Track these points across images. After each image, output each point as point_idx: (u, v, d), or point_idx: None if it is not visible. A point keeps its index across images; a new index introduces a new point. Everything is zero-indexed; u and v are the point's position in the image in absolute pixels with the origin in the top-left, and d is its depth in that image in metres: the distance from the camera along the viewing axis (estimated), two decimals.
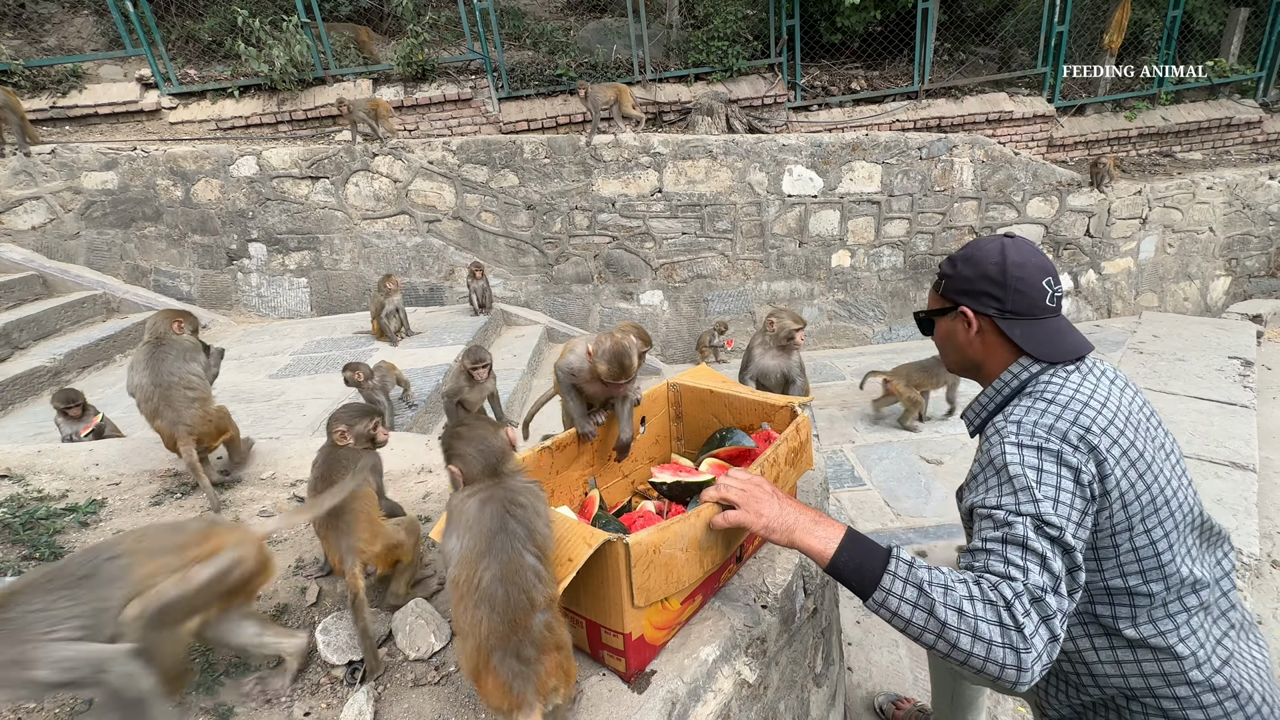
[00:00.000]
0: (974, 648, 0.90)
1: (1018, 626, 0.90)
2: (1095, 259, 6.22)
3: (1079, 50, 7.38)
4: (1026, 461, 1.02)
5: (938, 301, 1.30)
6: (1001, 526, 0.99)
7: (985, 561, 0.98)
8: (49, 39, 6.10)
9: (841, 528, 1.03)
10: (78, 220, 5.12)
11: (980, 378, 1.28)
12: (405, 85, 6.01)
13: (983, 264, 1.21)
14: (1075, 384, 1.12)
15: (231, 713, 1.09)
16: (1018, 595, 0.92)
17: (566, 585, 0.96)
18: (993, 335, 1.21)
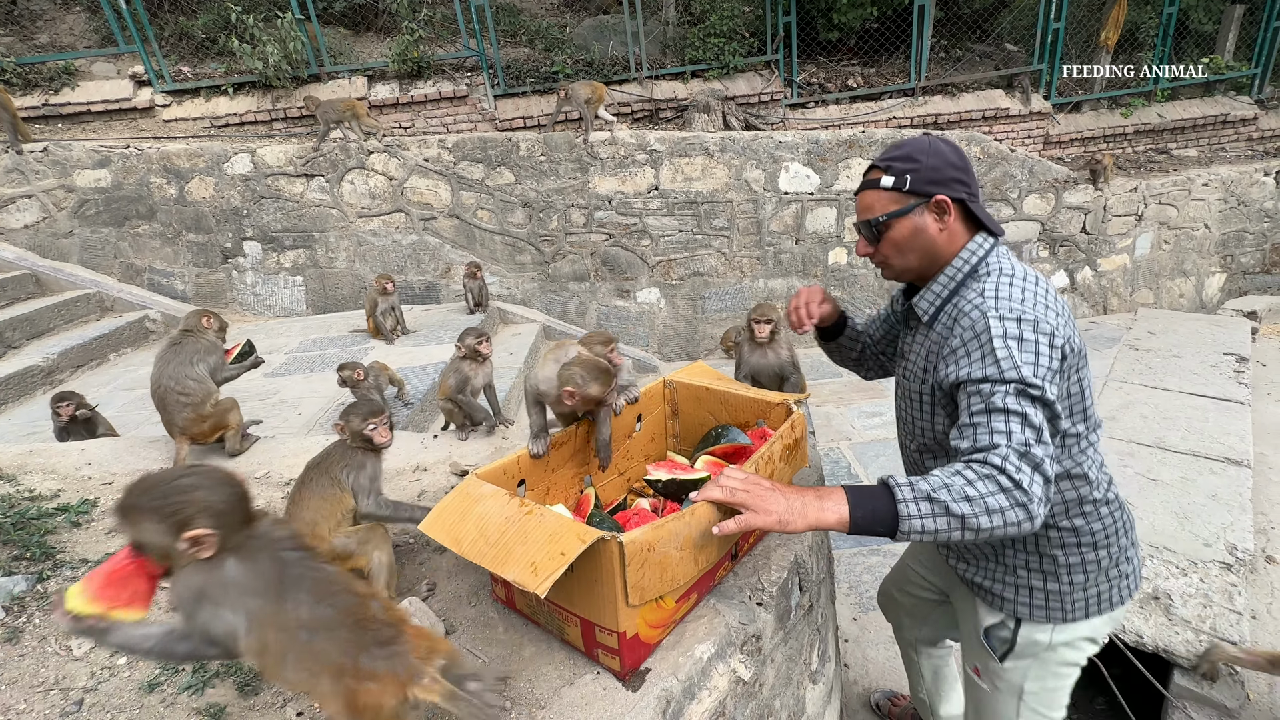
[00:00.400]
0: (992, 521, 1.00)
1: (1016, 484, 1.00)
2: (1091, 256, 6.23)
3: (1075, 48, 7.38)
4: (1009, 332, 1.10)
5: (898, 200, 1.23)
6: (987, 399, 1.08)
7: (973, 437, 1.07)
8: (41, 36, 6.05)
9: (840, 491, 1.07)
10: (71, 218, 5.09)
11: (928, 273, 1.29)
12: (400, 83, 5.98)
13: (941, 153, 1.24)
14: (1015, 259, 1.26)
15: (224, 712, 1.08)
16: (1005, 458, 1.02)
17: (557, 579, 0.94)
18: (956, 222, 1.25)
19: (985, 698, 1.39)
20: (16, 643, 1.26)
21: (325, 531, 1.34)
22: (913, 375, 1.32)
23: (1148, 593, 2.71)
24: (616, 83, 6.27)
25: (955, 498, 1.01)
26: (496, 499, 1.12)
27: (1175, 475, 3.41)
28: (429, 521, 1.13)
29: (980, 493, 1.00)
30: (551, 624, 1.17)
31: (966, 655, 1.45)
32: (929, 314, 1.27)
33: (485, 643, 1.19)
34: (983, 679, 1.38)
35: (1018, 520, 1.00)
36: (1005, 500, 1.00)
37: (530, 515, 1.06)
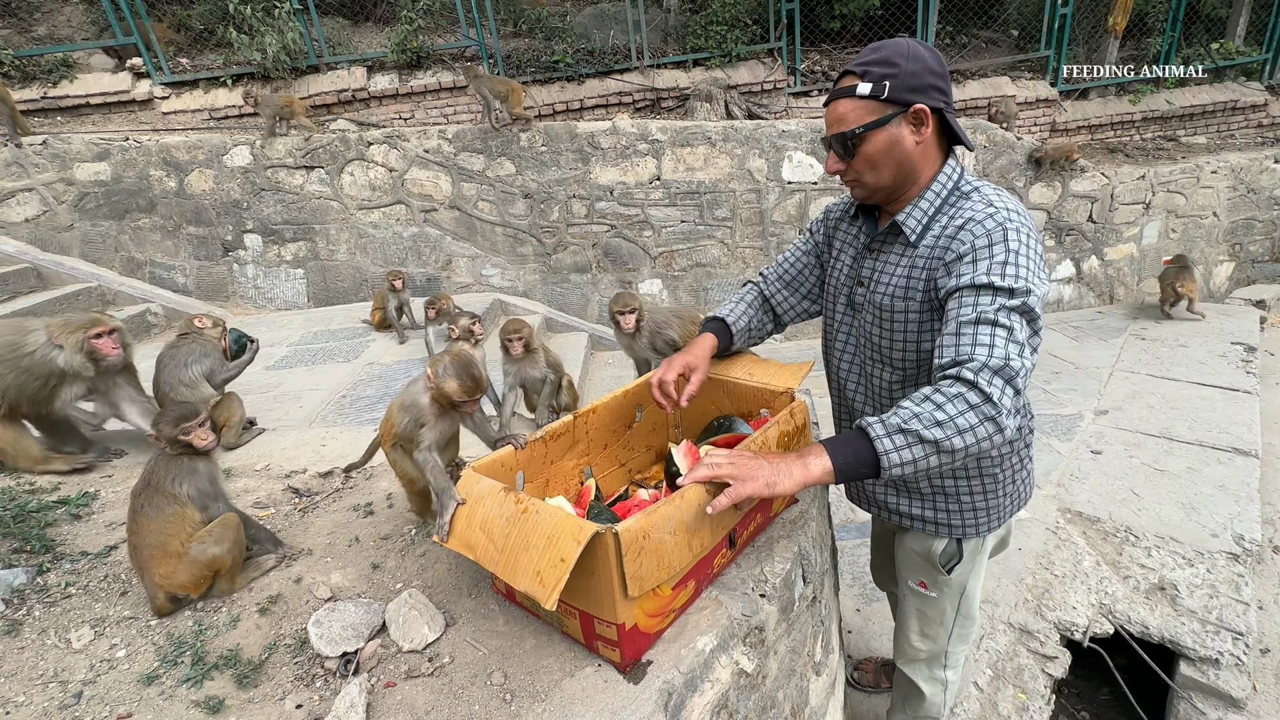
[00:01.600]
0: (965, 440, 1.01)
1: (986, 397, 1.02)
2: (1098, 245, 6.17)
3: (1083, 33, 7.28)
4: (1023, 242, 1.12)
5: (875, 110, 1.16)
6: (978, 309, 1.09)
7: (954, 349, 1.08)
8: (39, 28, 6.01)
9: (819, 446, 1.08)
10: (71, 212, 5.08)
11: (900, 191, 1.26)
12: (400, 73, 5.93)
13: (922, 58, 1.16)
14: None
15: (222, 705, 1.08)
16: (978, 371, 1.03)
17: (559, 593, 0.93)
18: (933, 135, 1.21)
19: (931, 604, 1.55)
20: (16, 635, 1.25)
21: (179, 546, 1.30)
22: (886, 298, 1.28)
23: (1153, 583, 2.70)
24: (618, 72, 6.21)
25: (926, 424, 1.01)
26: (494, 497, 1.10)
27: (1182, 465, 3.38)
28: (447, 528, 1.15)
29: (950, 414, 1.01)
30: (551, 616, 1.16)
31: (910, 575, 1.56)
32: (916, 231, 1.24)
33: (486, 635, 1.18)
34: (930, 589, 1.53)
35: (989, 434, 1.02)
36: (975, 417, 1.01)
37: (528, 514, 1.04)
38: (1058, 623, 2.57)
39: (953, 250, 1.17)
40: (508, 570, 1.01)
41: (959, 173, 1.26)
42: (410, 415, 1.32)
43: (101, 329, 1.88)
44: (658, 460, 1.67)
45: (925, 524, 1.44)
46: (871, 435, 1.04)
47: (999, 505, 1.42)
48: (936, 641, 1.64)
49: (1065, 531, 3.02)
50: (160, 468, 1.36)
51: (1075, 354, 4.98)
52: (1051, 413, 4.10)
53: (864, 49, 1.22)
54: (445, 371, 1.27)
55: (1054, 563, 2.85)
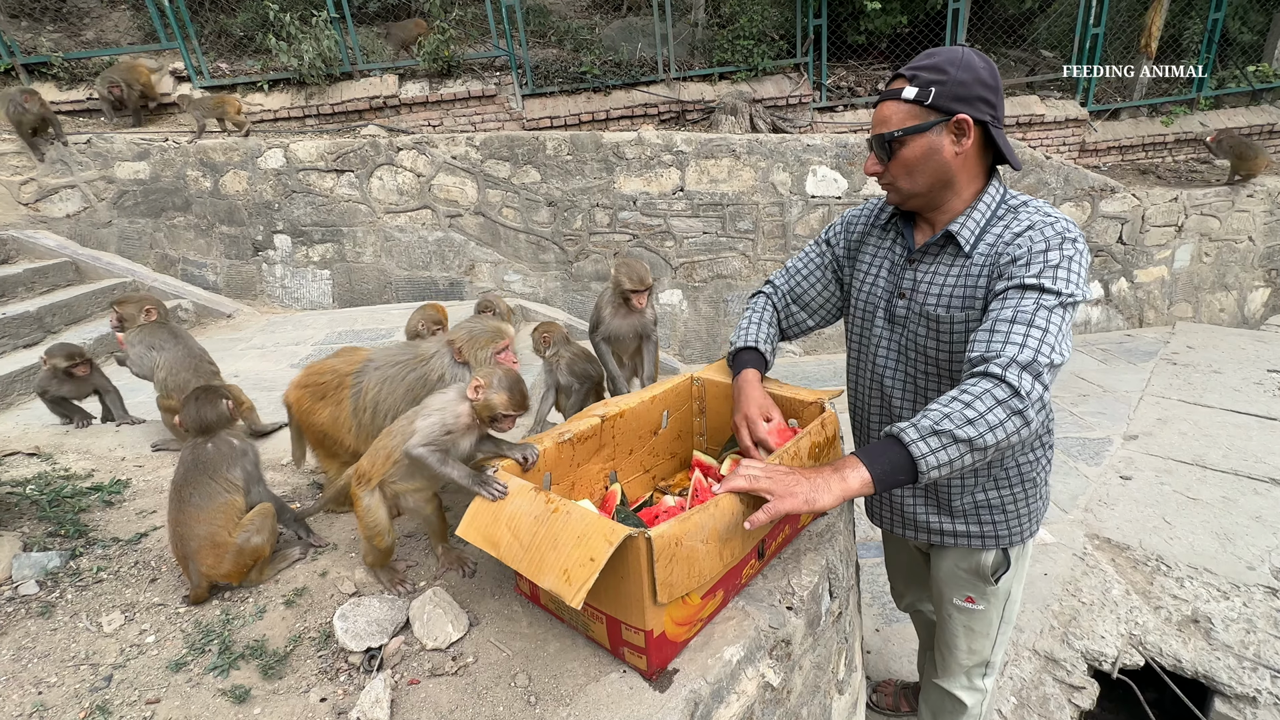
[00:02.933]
0: (997, 436, 1.02)
1: (1012, 391, 1.03)
2: (1128, 266, 6.06)
3: (1114, 54, 7.20)
4: (1064, 249, 1.13)
5: (917, 115, 1.16)
6: (1017, 308, 1.09)
7: (986, 343, 1.09)
8: (88, 32, 6.24)
9: (853, 457, 1.07)
10: (110, 209, 5.23)
11: (938, 200, 1.26)
12: (430, 81, 6.05)
13: (974, 68, 1.16)
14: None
15: (248, 694, 1.08)
16: (1006, 366, 1.04)
17: (586, 593, 0.92)
18: (975, 147, 1.19)
19: (978, 617, 1.53)
20: (49, 617, 1.27)
21: (227, 536, 1.32)
22: (941, 309, 1.25)
23: (1186, 615, 2.61)
24: (644, 84, 6.27)
25: (958, 424, 1.02)
26: (524, 495, 1.09)
27: (1216, 494, 3.28)
28: (464, 527, 1.11)
29: (980, 411, 1.02)
30: (576, 620, 1.15)
31: (954, 593, 1.52)
32: (971, 241, 1.23)
33: (510, 636, 1.17)
34: (978, 602, 1.51)
35: (1016, 428, 1.03)
36: (1003, 412, 1.02)
37: (557, 514, 1.03)
38: (1085, 652, 2.49)
39: (1008, 254, 1.17)
40: (533, 567, 1.00)
41: (1003, 188, 1.26)
42: (438, 421, 1.24)
43: (506, 343, 1.54)
44: (682, 468, 1.66)
45: (972, 539, 1.42)
46: (905, 440, 1.04)
47: (1039, 508, 1.44)
48: (981, 653, 1.62)
49: (1093, 558, 2.94)
50: (207, 453, 1.38)
51: (1103, 377, 4.88)
52: (1079, 436, 4.01)
53: (921, 53, 1.22)
54: (499, 383, 1.24)
55: (1081, 590, 2.77)
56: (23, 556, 1.41)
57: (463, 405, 1.25)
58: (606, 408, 1.48)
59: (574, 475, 1.42)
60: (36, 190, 5.09)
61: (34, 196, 5.09)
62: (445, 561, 1.38)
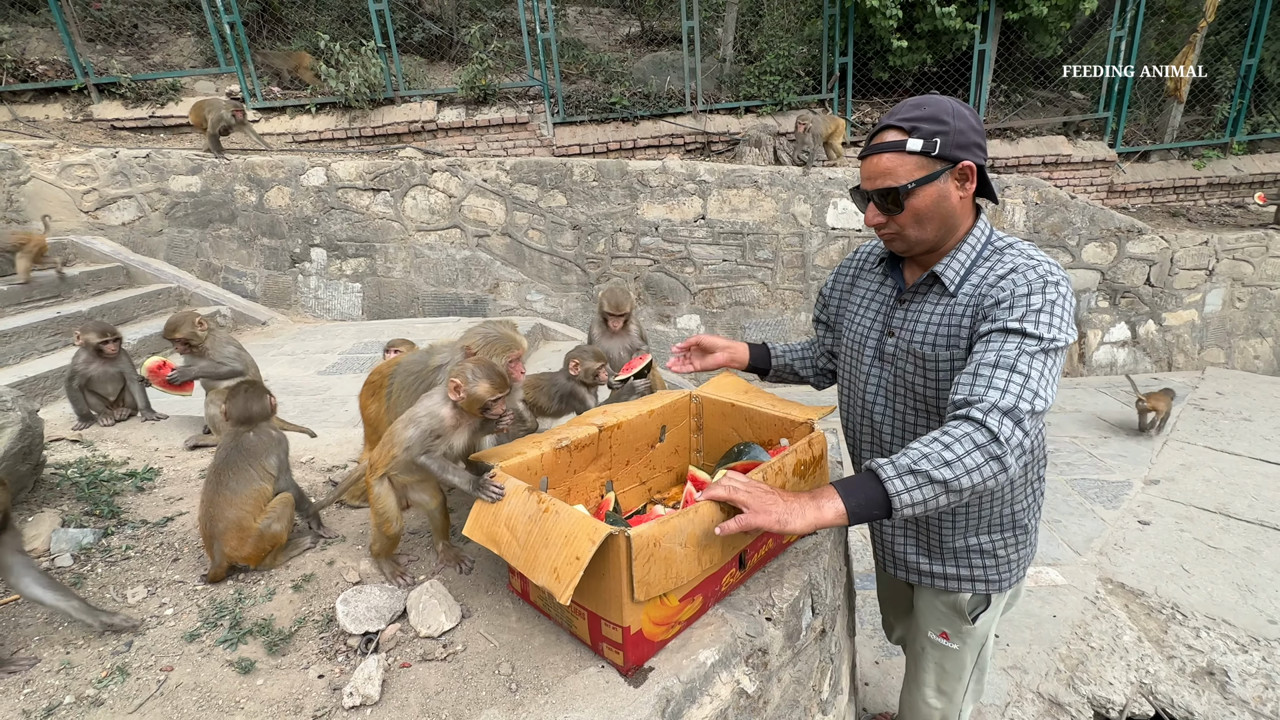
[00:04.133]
0: (972, 480, 1.03)
1: (992, 436, 1.04)
2: (1155, 309, 5.96)
3: (1145, 96, 7.19)
4: (1060, 294, 1.15)
5: (926, 165, 1.18)
6: (1000, 352, 1.11)
7: (969, 388, 1.10)
8: (154, 56, 6.71)
9: (831, 488, 1.09)
10: (162, 219, 5.56)
11: (941, 244, 1.29)
12: (467, 108, 6.33)
13: (965, 116, 1.20)
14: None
15: (253, 666, 1.16)
16: (987, 413, 1.05)
17: (573, 590, 0.97)
18: (970, 189, 1.24)
19: (951, 656, 1.53)
20: (80, 587, 1.37)
21: (253, 522, 1.42)
22: (927, 347, 1.29)
23: (1201, 666, 2.53)
24: (671, 115, 6.46)
25: (935, 464, 1.03)
26: (518, 496, 1.15)
27: (1239, 544, 3.19)
28: (469, 526, 1.18)
29: (958, 454, 1.04)
30: (561, 616, 1.21)
31: (931, 626, 1.54)
32: (955, 281, 1.26)
33: (498, 629, 1.23)
34: (953, 640, 1.52)
35: (994, 473, 1.04)
36: (981, 456, 1.04)
37: (548, 514, 1.08)
38: (1092, 698, 2.43)
39: (992, 297, 1.20)
40: (528, 565, 1.06)
41: (989, 228, 1.31)
42: (423, 428, 1.29)
43: (517, 354, 1.52)
44: (678, 482, 1.71)
45: (961, 582, 1.43)
46: (882, 476, 1.06)
47: (1028, 555, 1.45)
48: (952, 700, 1.59)
49: (1105, 602, 2.87)
50: (250, 441, 1.50)
51: (1127, 419, 4.78)
52: (1097, 478, 3.93)
53: (902, 104, 1.24)
54: (475, 375, 1.29)
55: (1091, 634, 2.70)
56: (61, 532, 1.52)
57: (445, 408, 1.31)
58: (605, 417, 1.54)
59: (570, 481, 1.48)
60: (97, 199, 5.44)
61: (94, 205, 5.45)
62: (444, 557, 1.45)
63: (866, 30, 6.29)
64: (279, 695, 1.10)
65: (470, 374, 1.29)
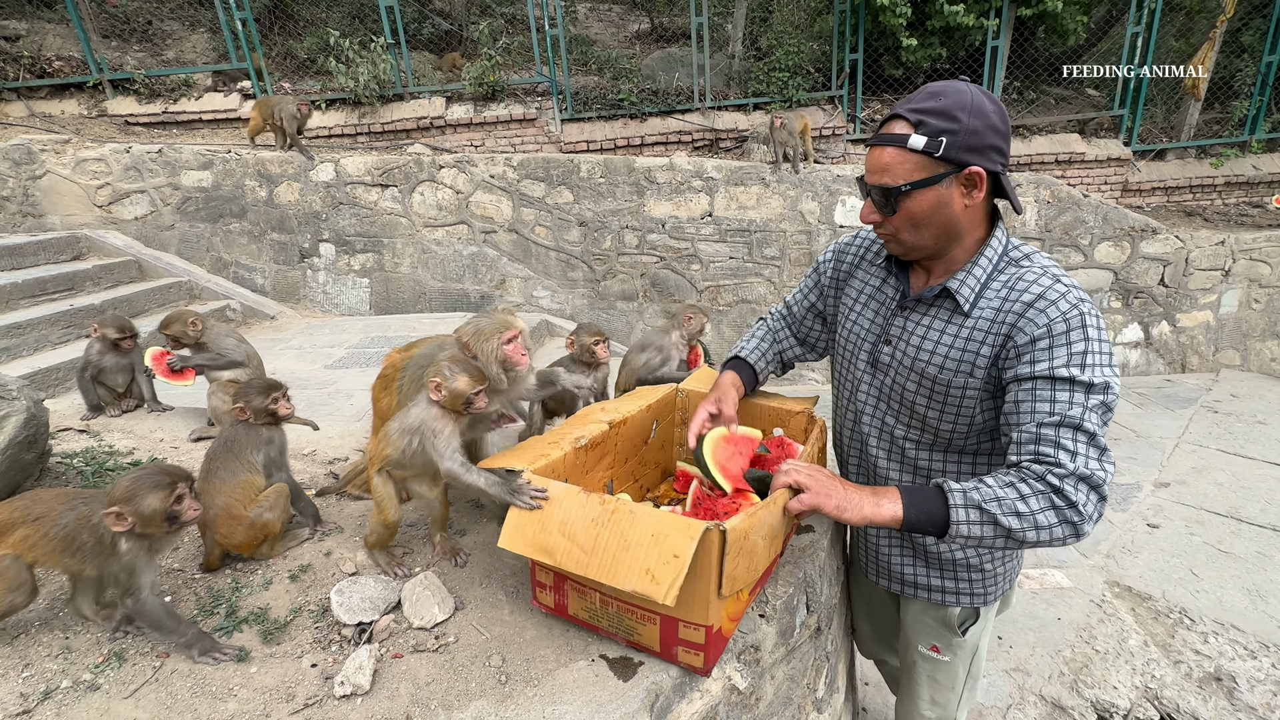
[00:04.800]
0: (1039, 536, 1.02)
1: (1070, 504, 1.00)
2: (1169, 310, 5.87)
3: (1161, 93, 7.08)
4: (1087, 329, 1.06)
5: (927, 166, 1.06)
6: (1056, 404, 1.04)
7: (1036, 448, 1.04)
8: (168, 53, 6.78)
9: (894, 490, 1.09)
10: (174, 214, 5.62)
11: (941, 252, 1.18)
12: (475, 104, 6.34)
13: (986, 113, 1.05)
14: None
15: (248, 655, 1.17)
16: (1064, 479, 1.00)
17: (678, 590, 0.91)
18: (983, 197, 1.11)
19: (943, 669, 1.51)
20: None
21: (242, 510, 1.42)
22: (935, 368, 1.19)
23: (1208, 671, 2.49)
24: (679, 112, 6.44)
25: (1006, 511, 1.01)
26: (573, 498, 1.06)
27: (1250, 549, 3.14)
28: (508, 537, 1.07)
29: (1032, 509, 1.01)
30: (619, 626, 1.13)
31: (921, 640, 1.51)
32: (970, 300, 1.15)
33: (491, 622, 1.24)
34: (944, 653, 1.49)
35: (1064, 536, 1.02)
36: (1055, 517, 1.01)
37: (618, 514, 1.01)
38: (1095, 701, 2.40)
39: (1024, 331, 1.08)
40: (607, 571, 0.97)
41: (1006, 238, 1.20)
42: (418, 436, 1.29)
43: (513, 333, 1.47)
44: (665, 478, 1.70)
45: (946, 594, 1.40)
46: (950, 502, 1.04)
47: (1015, 568, 1.44)
48: (946, 708, 1.56)
49: (1111, 606, 2.84)
50: (241, 435, 1.51)
51: (1138, 422, 4.71)
52: None
53: (919, 90, 1.12)
54: (452, 371, 1.27)
55: (1096, 637, 2.67)
56: None
57: (433, 409, 1.31)
58: (613, 414, 1.51)
59: (583, 482, 1.42)
60: (110, 194, 5.51)
61: (108, 199, 5.51)
62: (441, 549, 1.46)
63: (877, 26, 6.23)
64: (272, 683, 1.11)
65: (447, 370, 1.28)
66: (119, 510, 1.10)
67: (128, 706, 1.06)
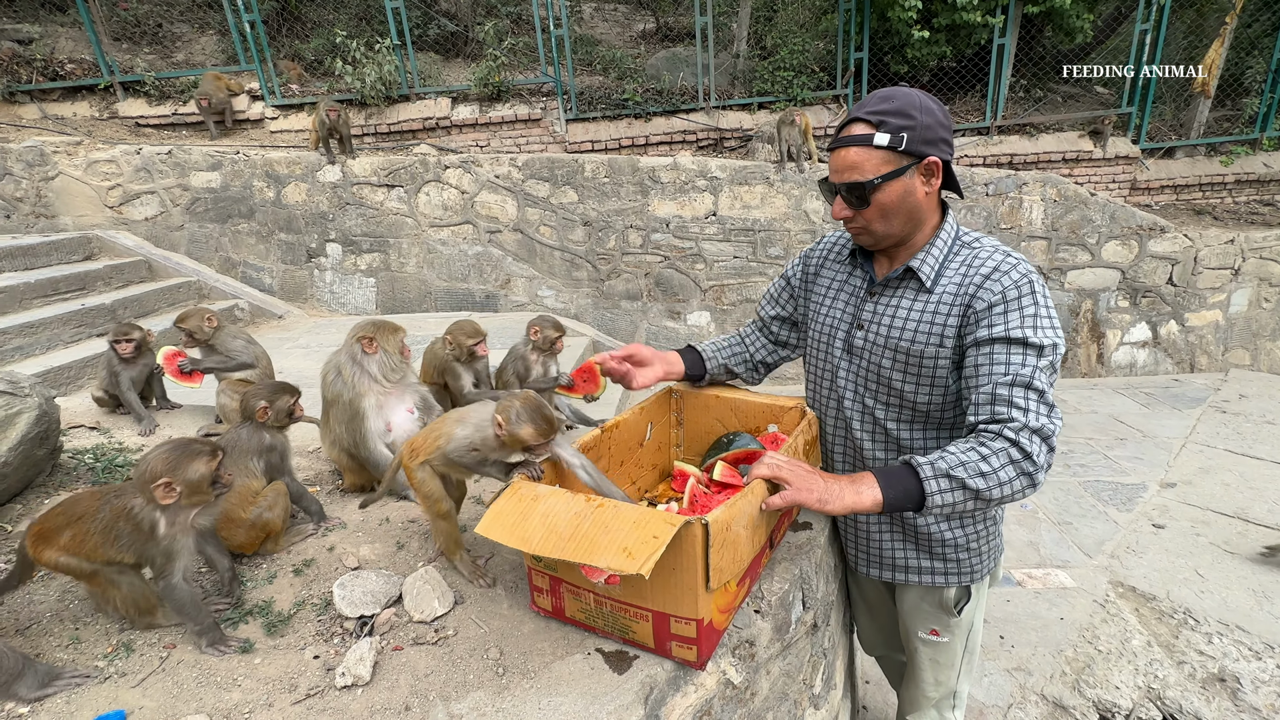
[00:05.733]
0: (1002, 492, 1.10)
1: (1025, 455, 1.10)
2: (1178, 309, 5.82)
3: (1170, 91, 7.02)
4: (1036, 295, 1.19)
5: (893, 160, 1.19)
6: (1010, 367, 1.15)
7: (990, 409, 1.15)
8: (178, 54, 6.86)
9: (869, 475, 1.14)
10: (183, 214, 5.68)
11: (908, 239, 1.30)
12: (480, 105, 6.38)
13: (933, 110, 1.20)
14: None
15: (251, 647, 1.19)
16: (1019, 432, 1.11)
17: (653, 564, 0.91)
18: (935, 185, 1.25)
19: (943, 649, 1.56)
20: None
21: (241, 513, 1.45)
22: (906, 342, 1.29)
23: (1212, 672, 2.48)
24: (684, 111, 6.45)
25: (971, 474, 1.10)
26: (558, 497, 1.09)
27: (1257, 550, 3.11)
28: (486, 524, 1.08)
29: (994, 467, 1.10)
30: (614, 626, 1.14)
31: (919, 626, 1.56)
32: (931, 277, 1.28)
33: (490, 616, 1.26)
34: (943, 634, 1.54)
35: (1023, 488, 1.11)
36: (1014, 471, 1.10)
37: (603, 508, 1.04)
38: (1097, 701, 2.40)
39: (982, 299, 1.21)
40: (583, 551, 0.98)
41: (956, 223, 1.34)
42: (471, 444, 1.30)
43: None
44: (662, 479, 1.72)
45: (935, 575, 1.47)
46: (921, 476, 1.12)
47: (999, 545, 1.50)
48: (947, 685, 1.64)
49: (1115, 606, 2.83)
50: (242, 439, 1.54)
51: (1144, 421, 4.69)
52: (1111, 480, 3.86)
53: (870, 96, 1.25)
54: (519, 418, 1.23)
55: (1099, 637, 2.67)
56: None
57: (491, 431, 1.28)
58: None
59: (576, 486, 1.46)
60: (121, 195, 5.58)
61: (118, 200, 5.59)
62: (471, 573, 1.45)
63: (883, 24, 6.22)
64: (275, 674, 1.13)
65: (515, 415, 1.23)
66: (167, 481, 1.14)
67: (135, 695, 1.08)
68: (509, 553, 1.47)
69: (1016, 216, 5.69)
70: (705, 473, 1.54)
